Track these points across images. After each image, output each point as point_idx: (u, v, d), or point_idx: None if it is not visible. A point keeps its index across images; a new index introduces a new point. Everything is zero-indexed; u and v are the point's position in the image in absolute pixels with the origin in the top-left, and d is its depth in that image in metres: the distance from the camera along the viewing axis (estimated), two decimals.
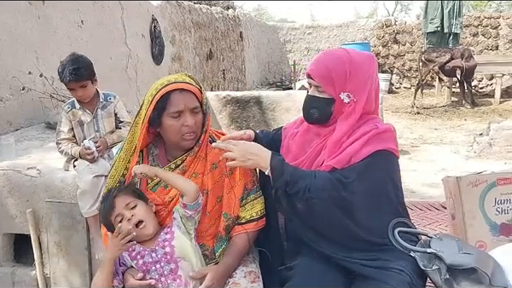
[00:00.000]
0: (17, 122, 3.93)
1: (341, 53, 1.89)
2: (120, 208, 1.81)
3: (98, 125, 2.74)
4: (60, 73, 2.66)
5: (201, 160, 1.91)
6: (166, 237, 1.81)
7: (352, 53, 1.89)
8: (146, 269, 1.79)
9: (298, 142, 1.99)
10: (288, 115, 5.50)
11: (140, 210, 1.82)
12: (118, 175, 1.93)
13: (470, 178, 2.25)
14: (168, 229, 1.84)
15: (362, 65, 1.85)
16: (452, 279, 1.80)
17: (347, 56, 1.85)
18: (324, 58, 1.91)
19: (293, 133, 2.06)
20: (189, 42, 8.33)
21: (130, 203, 1.82)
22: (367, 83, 1.84)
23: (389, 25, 13.45)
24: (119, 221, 1.81)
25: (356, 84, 1.83)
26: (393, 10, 29.74)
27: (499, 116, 8.58)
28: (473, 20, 12.74)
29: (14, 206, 2.79)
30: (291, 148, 2.01)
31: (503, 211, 2.24)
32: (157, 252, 1.79)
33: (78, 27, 4.92)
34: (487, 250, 2.11)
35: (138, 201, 1.84)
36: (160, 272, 1.78)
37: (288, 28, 14.67)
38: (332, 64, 1.84)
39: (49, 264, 2.78)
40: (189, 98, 1.83)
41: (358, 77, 1.83)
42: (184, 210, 1.80)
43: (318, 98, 1.88)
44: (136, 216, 1.80)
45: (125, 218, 1.80)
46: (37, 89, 4.16)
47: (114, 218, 1.82)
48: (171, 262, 1.78)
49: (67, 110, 2.73)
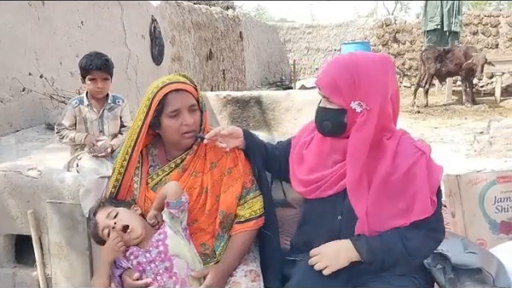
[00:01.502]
0: (17, 123, 3.94)
1: (348, 59, 1.77)
2: (103, 221, 1.86)
3: (103, 126, 2.75)
4: (86, 61, 2.70)
5: (201, 159, 1.92)
6: (160, 237, 1.83)
7: (360, 57, 1.76)
8: (142, 269, 1.81)
9: (314, 152, 1.90)
10: (288, 115, 5.50)
11: (122, 215, 1.85)
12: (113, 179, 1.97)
13: (470, 176, 2.26)
14: (161, 230, 1.85)
15: (371, 69, 1.71)
16: (456, 278, 1.80)
17: (354, 62, 1.73)
18: (330, 66, 1.81)
19: (305, 142, 1.97)
20: (189, 42, 8.33)
21: (111, 212, 1.87)
22: (379, 89, 1.70)
23: (389, 25, 13.46)
24: (107, 233, 1.85)
25: (366, 91, 1.69)
26: (393, 9, 29.74)
27: (499, 114, 8.57)
28: (473, 18, 12.75)
29: (15, 207, 2.79)
30: (306, 159, 1.93)
31: (502, 209, 2.25)
32: (151, 252, 1.80)
33: (78, 28, 4.93)
34: (487, 248, 2.12)
35: (118, 209, 1.88)
36: (156, 271, 1.79)
37: (288, 28, 14.68)
38: (337, 72, 1.74)
39: (50, 265, 2.78)
40: (185, 97, 1.84)
41: (368, 83, 1.69)
42: (168, 209, 1.81)
43: (329, 109, 1.77)
44: (119, 222, 1.83)
45: (110, 227, 1.83)
46: (37, 90, 4.17)
47: (102, 232, 1.86)
48: (166, 260, 1.79)
49: (75, 105, 2.74)
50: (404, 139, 1.78)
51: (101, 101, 2.79)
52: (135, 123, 1.89)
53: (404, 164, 1.71)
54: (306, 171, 1.89)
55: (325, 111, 1.79)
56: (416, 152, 1.73)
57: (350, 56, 1.78)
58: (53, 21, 4.48)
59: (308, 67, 14.48)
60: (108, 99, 2.80)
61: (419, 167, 1.70)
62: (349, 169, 1.75)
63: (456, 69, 9.71)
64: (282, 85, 13.02)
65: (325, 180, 1.82)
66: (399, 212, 1.71)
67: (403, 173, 1.70)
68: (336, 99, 1.74)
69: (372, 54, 1.83)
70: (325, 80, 1.77)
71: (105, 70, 2.72)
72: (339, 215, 1.82)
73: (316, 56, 14.37)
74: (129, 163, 1.92)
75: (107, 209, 1.89)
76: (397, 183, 1.70)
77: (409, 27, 13.23)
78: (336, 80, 1.72)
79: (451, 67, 9.67)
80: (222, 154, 1.93)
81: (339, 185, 1.79)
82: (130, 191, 1.97)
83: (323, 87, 1.77)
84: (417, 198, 1.69)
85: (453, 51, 9.70)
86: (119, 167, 1.92)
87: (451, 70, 9.73)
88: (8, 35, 3.90)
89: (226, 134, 1.92)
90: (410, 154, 1.72)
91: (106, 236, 1.84)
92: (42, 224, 2.75)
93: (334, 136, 1.81)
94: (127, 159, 1.91)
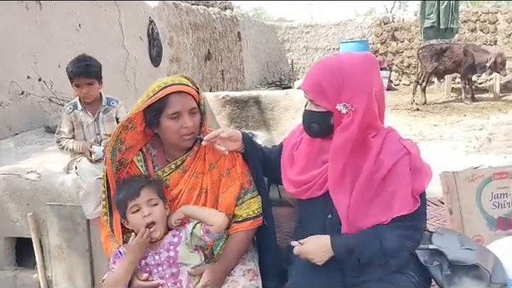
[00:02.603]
0: (16, 126, 3.95)
1: (332, 61, 1.77)
2: (142, 200, 1.79)
3: (99, 128, 2.75)
4: (69, 68, 2.70)
5: (201, 160, 1.93)
6: (173, 240, 1.81)
7: (345, 58, 1.78)
8: (148, 271, 1.80)
9: (304, 153, 1.91)
10: (287, 114, 5.51)
11: (158, 211, 1.80)
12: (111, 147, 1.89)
13: (467, 173, 2.27)
14: (177, 232, 1.83)
15: (355, 69, 1.71)
16: (453, 275, 1.81)
17: (338, 64, 1.73)
18: (314, 69, 1.81)
19: (295, 143, 1.99)
20: (187, 43, 8.34)
21: (153, 199, 1.80)
22: (364, 88, 1.70)
23: (387, 23, 13.46)
24: (133, 211, 1.79)
25: (352, 92, 1.69)
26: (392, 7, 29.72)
27: (498, 111, 8.57)
28: (470, 15, 12.76)
29: (15, 210, 2.80)
30: (297, 159, 1.94)
31: (499, 205, 2.26)
32: (160, 255, 1.79)
33: (76, 31, 4.93)
34: (484, 244, 2.13)
35: (160, 201, 1.83)
36: (162, 275, 1.79)
37: (286, 27, 14.69)
38: (322, 75, 1.74)
39: (50, 267, 2.79)
40: (186, 99, 1.84)
41: (353, 84, 1.69)
42: (204, 234, 1.78)
43: (315, 112, 1.79)
44: (152, 215, 1.78)
45: (142, 213, 1.78)
46: (35, 93, 4.18)
47: (132, 206, 1.79)
48: (173, 266, 1.79)
49: (69, 111, 2.74)
50: (390, 136, 1.79)
51: (95, 104, 2.78)
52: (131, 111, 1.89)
53: (387, 162, 1.72)
54: (297, 172, 1.90)
55: (312, 114, 1.80)
56: (400, 150, 1.74)
57: (334, 58, 1.80)
58: (51, 24, 4.49)
59: (307, 67, 14.47)
60: (102, 101, 2.79)
61: (402, 165, 1.71)
62: (331, 168, 1.76)
63: (455, 66, 9.71)
64: (282, 85, 13.01)
65: (315, 180, 1.83)
66: (380, 209, 1.72)
67: (386, 171, 1.71)
68: (322, 102, 1.75)
69: (356, 53, 1.82)
70: (310, 83, 1.79)
71: (86, 75, 2.66)
72: (329, 213, 1.84)
73: (314, 55, 14.37)
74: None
75: (153, 193, 1.81)
76: (379, 181, 1.71)
77: (407, 25, 13.23)
78: (321, 83, 1.73)
79: (449, 65, 9.67)
80: (220, 155, 1.94)
81: (326, 186, 1.80)
82: None
83: (309, 90, 1.79)
84: (397, 195, 1.70)
85: (451, 49, 9.70)
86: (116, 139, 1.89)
87: (449, 68, 9.74)
88: (6, 38, 3.91)
89: (225, 136, 1.92)
90: (395, 152, 1.73)
91: (131, 212, 1.79)
92: (42, 226, 2.77)
93: (321, 137, 1.83)
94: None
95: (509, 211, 2.27)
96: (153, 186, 1.83)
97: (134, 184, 1.82)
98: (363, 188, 1.72)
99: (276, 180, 2.11)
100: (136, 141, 1.94)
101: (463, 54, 9.55)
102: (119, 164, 1.91)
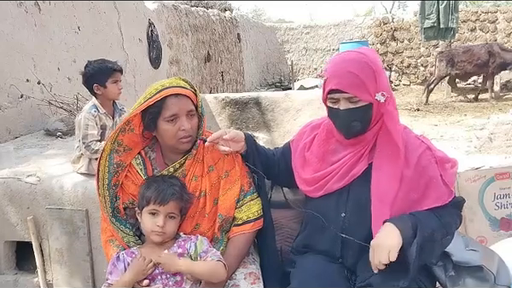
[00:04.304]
0: (16, 129, 3.94)
1: (354, 55, 1.76)
2: (164, 210, 1.76)
3: None
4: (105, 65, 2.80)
5: (199, 163, 1.91)
6: (178, 251, 1.79)
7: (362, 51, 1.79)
8: (151, 278, 1.78)
9: (317, 153, 1.90)
10: (287, 115, 5.50)
11: (172, 225, 1.79)
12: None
13: (469, 174, 2.26)
14: (182, 243, 1.82)
15: (377, 60, 1.76)
16: (457, 276, 1.79)
17: (363, 56, 1.74)
18: (343, 66, 1.74)
19: (305, 144, 1.96)
20: (187, 45, 8.34)
21: (173, 214, 1.78)
22: (385, 78, 1.78)
23: (387, 23, 13.46)
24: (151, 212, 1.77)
25: (383, 80, 1.73)
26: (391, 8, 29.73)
27: (499, 110, 8.56)
28: (470, 15, 12.76)
29: (15, 214, 2.79)
30: (310, 160, 1.92)
31: (502, 206, 2.25)
32: None
33: (75, 34, 4.93)
34: (487, 245, 2.12)
35: (178, 216, 1.81)
36: (165, 282, 1.77)
37: (286, 28, 14.69)
38: (356, 68, 1.71)
39: (51, 271, 2.78)
40: (184, 102, 1.83)
41: (382, 73, 1.74)
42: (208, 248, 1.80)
43: (355, 109, 1.73)
44: (165, 228, 1.76)
45: (155, 222, 1.76)
46: (35, 96, 4.17)
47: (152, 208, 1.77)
48: (177, 274, 1.78)
49: (94, 114, 2.76)
50: (407, 132, 1.82)
51: (110, 107, 2.88)
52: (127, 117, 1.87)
53: (412, 157, 1.74)
54: (311, 172, 1.89)
55: (351, 111, 1.74)
56: (420, 144, 1.78)
57: (352, 53, 1.78)
58: (49, 27, 4.48)
59: (307, 68, 14.48)
60: (118, 104, 2.90)
61: (426, 158, 1.74)
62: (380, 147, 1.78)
63: (477, 69, 9.66)
64: (281, 86, 13.03)
65: (333, 173, 1.82)
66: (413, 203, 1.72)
67: (413, 166, 1.72)
68: (363, 95, 1.71)
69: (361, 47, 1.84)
70: (346, 80, 1.72)
71: (122, 71, 2.86)
72: (342, 212, 1.82)
73: (314, 56, 14.37)
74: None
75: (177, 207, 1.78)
76: (410, 175, 1.72)
77: (406, 25, 13.23)
78: (359, 76, 1.70)
79: (470, 68, 9.64)
80: (219, 157, 1.93)
81: (348, 176, 1.79)
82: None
83: (349, 87, 1.72)
84: (430, 187, 1.71)
85: (471, 51, 9.64)
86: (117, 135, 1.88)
87: (471, 71, 9.70)
88: (4, 42, 3.90)
89: (228, 138, 1.90)
90: (416, 146, 1.77)
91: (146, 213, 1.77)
92: (42, 230, 2.76)
93: (360, 135, 1.80)
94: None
95: (511, 212, 2.26)
96: (182, 202, 1.80)
97: (168, 190, 1.77)
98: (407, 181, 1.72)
99: (280, 182, 2.10)
100: (135, 144, 1.93)
101: (488, 55, 9.49)
102: (117, 166, 1.89)
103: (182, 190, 1.81)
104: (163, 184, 1.79)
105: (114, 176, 1.88)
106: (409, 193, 1.72)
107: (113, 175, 1.88)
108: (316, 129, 1.98)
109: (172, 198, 1.76)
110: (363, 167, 1.79)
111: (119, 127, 1.87)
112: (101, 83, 2.77)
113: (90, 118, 2.74)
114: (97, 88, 2.79)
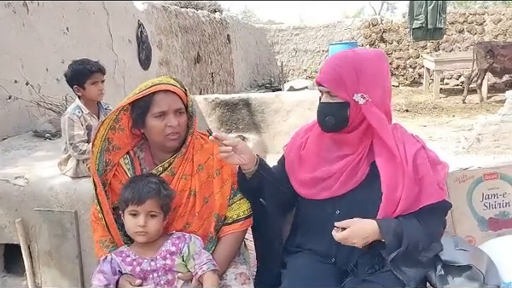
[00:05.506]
0: (4, 131, 3.90)
1: (348, 53, 1.81)
2: (143, 209, 1.75)
3: None
4: (83, 66, 2.76)
5: (189, 162, 1.91)
6: (171, 249, 1.79)
7: (360, 51, 1.84)
8: (143, 277, 1.77)
9: (313, 151, 1.91)
10: (277, 116, 5.52)
11: (154, 224, 1.77)
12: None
13: (457, 174, 2.28)
14: (176, 242, 1.81)
15: (371, 62, 1.77)
16: (446, 275, 1.81)
17: (354, 56, 1.78)
18: (330, 62, 1.82)
19: (301, 143, 1.97)
20: (177, 46, 8.31)
21: (154, 212, 1.77)
22: (379, 81, 1.78)
23: (376, 25, 13.51)
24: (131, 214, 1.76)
25: (368, 83, 1.74)
26: (380, 9, 29.91)
27: (487, 111, 8.64)
28: (458, 16, 12.84)
29: (3, 216, 2.77)
30: (306, 159, 1.92)
31: (490, 206, 2.27)
32: (156, 261, 1.77)
33: (64, 34, 4.89)
34: (476, 244, 2.14)
35: (160, 214, 1.78)
36: (157, 281, 1.77)
37: (276, 30, 14.68)
38: (340, 65, 1.76)
39: (40, 273, 2.76)
40: (173, 99, 1.83)
41: (370, 76, 1.75)
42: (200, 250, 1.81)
43: (332, 104, 1.78)
44: (147, 228, 1.75)
45: (136, 223, 1.75)
46: (23, 97, 4.14)
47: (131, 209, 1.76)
48: (169, 273, 1.77)
49: (79, 115, 2.74)
50: (402, 131, 1.87)
51: (95, 108, 2.85)
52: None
53: (410, 153, 1.77)
54: (309, 170, 1.89)
55: (328, 105, 1.80)
56: (416, 142, 1.83)
57: (349, 52, 1.82)
58: (38, 28, 4.44)
59: (296, 69, 14.50)
60: (102, 104, 2.87)
61: (422, 156, 1.78)
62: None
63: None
64: (272, 87, 13.02)
65: (334, 177, 1.82)
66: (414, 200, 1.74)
67: (411, 162, 1.75)
68: (339, 92, 1.76)
69: (369, 49, 1.86)
70: (328, 75, 1.78)
71: (102, 71, 2.81)
72: (337, 209, 1.83)
73: (304, 57, 14.38)
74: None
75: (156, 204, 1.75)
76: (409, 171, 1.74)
77: (395, 27, 13.29)
78: (339, 73, 1.74)
79: (509, 64, 9.32)
80: (208, 156, 1.93)
81: (353, 181, 1.80)
82: None
83: (327, 81, 1.78)
84: (425, 183, 1.74)
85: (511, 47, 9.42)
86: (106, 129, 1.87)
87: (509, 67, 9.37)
88: None
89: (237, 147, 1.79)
90: (413, 143, 1.81)
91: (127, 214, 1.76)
92: (31, 232, 2.73)
93: (336, 131, 1.83)
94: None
95: (499, 212, 2.28)
96: (161, 199, 1.78)
97: (143, 188, 1.76)
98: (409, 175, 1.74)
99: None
100: (124, 144, 1.93)
101: None
102: (106, 164, 1.89)
103: (160, 187, 1.79)
104: (139, 183, 1.78)
105: (103, 175, 1.88)
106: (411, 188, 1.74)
107: (102, 173, 1.88)
108: (309, 130, 2.00)
109: (149, 196, 1.75)
110: (365, 170, 1.81)
111: (107, 123, 1.86)
112: (80, 85, 2.76)
113: (74, 118, 2.71)
114: (77, 89, 2.78)
